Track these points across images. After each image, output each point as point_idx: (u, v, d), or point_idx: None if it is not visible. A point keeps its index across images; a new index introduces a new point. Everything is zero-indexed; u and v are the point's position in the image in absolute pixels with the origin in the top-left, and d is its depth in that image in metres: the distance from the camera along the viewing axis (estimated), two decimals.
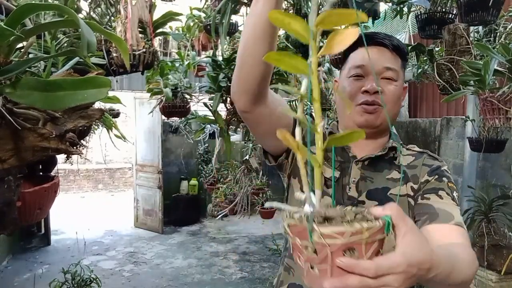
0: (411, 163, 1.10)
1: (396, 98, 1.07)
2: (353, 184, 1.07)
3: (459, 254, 0.92)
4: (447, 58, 2.36)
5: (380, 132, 1.10)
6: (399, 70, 1.07)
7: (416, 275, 0.61)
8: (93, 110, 0.94)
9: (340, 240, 0.52)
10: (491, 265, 2.77)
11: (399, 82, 1.07)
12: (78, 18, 0.71)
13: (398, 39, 1.10)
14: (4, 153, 0.82)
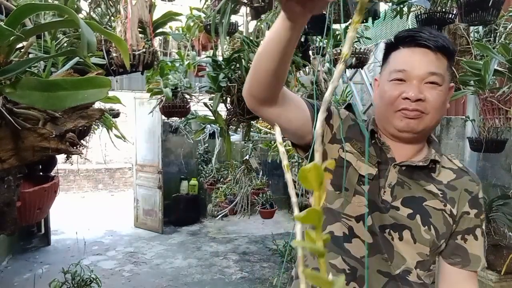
0: (451, 182, 1.04)
1: (440, 104, 1.00)
2: (389, 188, 1.03)
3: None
4: None
5: (420, 137, 1.05)
6: (444, 73, 1.00)
7: None
8: (93, 110, 0.94)
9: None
10: (491, 265, 2.77)
11: (444, 86, 1.00)
12: (78, 18, 0.71)
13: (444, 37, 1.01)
14: (4, 153, 0.82)
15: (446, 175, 1.05)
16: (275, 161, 6.01)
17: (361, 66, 2.85)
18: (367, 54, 2.73)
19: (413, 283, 1.01)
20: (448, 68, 1.02)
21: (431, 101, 0.98)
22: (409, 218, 1.00)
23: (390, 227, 1.00)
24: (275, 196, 6.24)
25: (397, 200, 1.02)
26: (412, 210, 1.00)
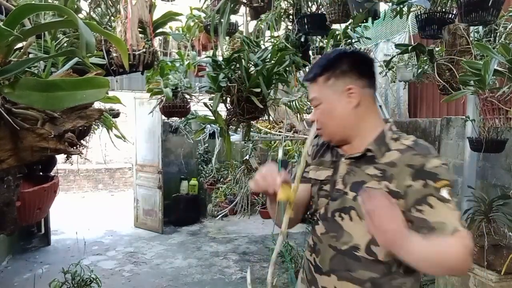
0: (392, 161, 1.17)
1: (326, 116, 1.24)
2: (340, 178, 1.26)
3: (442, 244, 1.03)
4: (447, 58, 2.36)
5: (343, 140, 1.29)
6: (320, 93, 1.24)
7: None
8: (92, 110, 0.94)
9: None
10: (491, 265, 2.77)
11: (323, 104, 1.24)
12: (77, 19, 0.71)
13: (317, 65, 1.25)
14: (3, 153, 0.82)
15: (391, 156, 1.19)
16: (275, 161, 6.00)
17: None
18: (367, 54, 2.72)
19: (361, 257, 1.17)
20: (324, 83, 1.22)
21: (319, 119, 1.26)
22: (353, 200, 1.18)
23: (340, 211, 1.22)
24: None
25: (347, 187, 1.23)
26: (356, 192, 1.18)
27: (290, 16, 3.03)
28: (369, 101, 1.28)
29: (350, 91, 1.21)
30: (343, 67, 1.21)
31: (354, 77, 1.22)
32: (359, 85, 1.22)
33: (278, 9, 3.01)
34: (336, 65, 1.21)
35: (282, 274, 4.54)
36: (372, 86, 1.31)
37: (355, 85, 1.21)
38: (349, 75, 1.21)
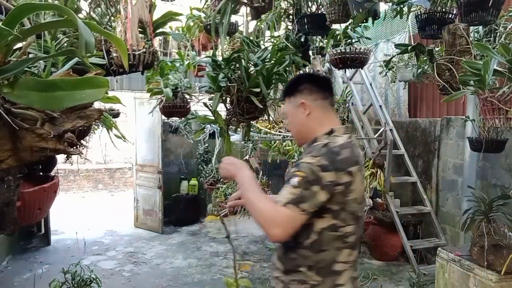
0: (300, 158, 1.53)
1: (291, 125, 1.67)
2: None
3: (265, 203, 1.40)
4: (447, 58, 2.36)
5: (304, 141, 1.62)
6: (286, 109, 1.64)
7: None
8: (91, 111, 0.94)
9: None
10: (491, 265, 2.77)
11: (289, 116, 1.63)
12: (76, 18, 0.71)
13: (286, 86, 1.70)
14: (2, 153, 0.82)
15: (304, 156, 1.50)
16: (275, 161, 6.01)
17: (361, 66, 2.84)
18: (367, 54, 2.72)
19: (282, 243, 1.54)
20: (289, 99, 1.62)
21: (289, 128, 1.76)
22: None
23: None
24: None
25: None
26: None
27: (290, 16, 3.03)
28: (321, 111, 1.58)
29: (303, 104, 1.56)
30: (299, 87, 1.59)
31: (306, 94, 1.57)
32: (310, 99, 1.57)
33: (278, 9, 3.01)
34: (294, 87, 1.61)
35: None
36: (326, 98, 1.60)
37: (306, 99, 1.56)
38: (303, 92, 1.58)
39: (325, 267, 1.44)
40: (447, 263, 3.16)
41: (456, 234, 4.49)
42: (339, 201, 1.40)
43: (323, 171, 1.36)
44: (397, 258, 5.01)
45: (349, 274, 1.48)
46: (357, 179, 1.44)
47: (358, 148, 1.56)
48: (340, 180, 1.38)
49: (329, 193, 1.37)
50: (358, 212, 1.48)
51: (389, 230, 4.84)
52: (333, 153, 1.41)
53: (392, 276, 4.55)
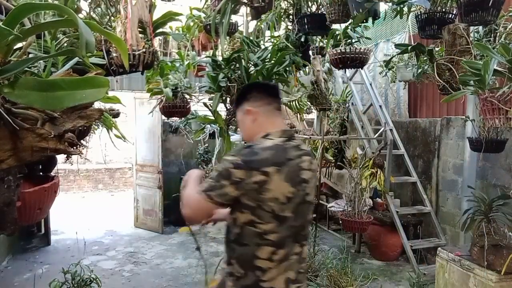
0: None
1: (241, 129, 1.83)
2: None
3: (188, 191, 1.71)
4: (447, 58, 2.36)
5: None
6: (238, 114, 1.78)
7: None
8: (92, 110, 0.94)
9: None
10: (491, 265, 2.77)
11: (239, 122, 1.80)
12: (77, 18, 0.71)
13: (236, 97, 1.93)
14: (3, 153, 0.82)
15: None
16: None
17: (361, 66, 2.84)
18: (367, 54, 2.72)
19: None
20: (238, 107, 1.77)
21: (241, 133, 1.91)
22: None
23: None
24: None
25: None
26: None
27: (290, 16, 3.03)
28: (266, 116, 1.70)
29: (248, 111, 1.70)
30: (246, 96, 1.74)
31: (252, 101, 1.70)
32: (255, 106, 1.69)
33: (278, 9, 3.01)
34: (242, 96, 1.77)
35: None
36: (271, 104, 1.72)
37: (251, 106, 1.69)
38: (249, 100, 1.71)
39: (247, 261, 1.56)
40: (447, 263, 3.16)
41: (456, 234, 4.49)
42: (254, 198, 1.50)
43: (234, 168, 1.49)
44: (397, 258, 5.01)
45: (279, 273, 1.55)
46: (274, 179, 1.50)
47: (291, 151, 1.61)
48: (251, 178, 1.48)
49: (239, 188, 1.49)
50: (280, 211, 1.52)
51: (389, 230, 4.84)
52: (253, 153, 1.53)
53: (392, 276, 4.55)
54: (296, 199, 1.56)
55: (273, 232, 1.53)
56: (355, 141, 5.99)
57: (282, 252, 1.56)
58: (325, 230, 6.33)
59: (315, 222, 4.52)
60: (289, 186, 1.54)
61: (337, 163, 5.97)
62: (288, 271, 1.58)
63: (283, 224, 1.54)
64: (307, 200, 1.63)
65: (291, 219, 1.56)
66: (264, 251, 1.54)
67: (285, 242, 1.57)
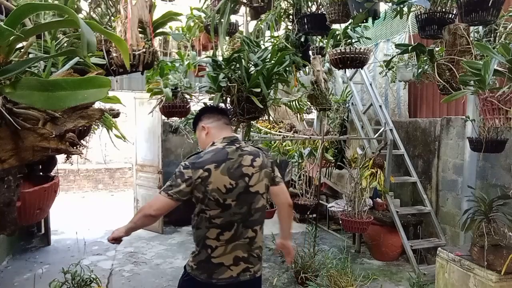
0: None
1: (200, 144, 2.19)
2: None
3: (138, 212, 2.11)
4: (447, 58, 2.36)
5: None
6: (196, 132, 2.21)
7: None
8: (93, 110, 0.94)
9: None
10: (491, 265, 2.77)
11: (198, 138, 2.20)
12: (78, 18, 0.71)
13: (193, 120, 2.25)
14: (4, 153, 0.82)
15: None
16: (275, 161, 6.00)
17: (361, 66, 2.84)
18: (367, 54, 2.72)
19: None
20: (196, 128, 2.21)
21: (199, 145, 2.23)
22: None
23: None
24: None
25: None
26: None
27: (290, 16, 3.03)
28: (217, 129, 2.12)
29: (203, 128, 2.14)
30: (200, 117, 2.18)
31: (204, 120, 2.15)
32: (206, 123, 2.13)
33: (278, 9, 3.01)
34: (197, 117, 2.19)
35: (282, 274, 4.54)
36: (220, 119, 2.15)
37: (204, 124, 2.14)
38: (202, 119, 2.16)
39: (200, 241, 1.98)
40: (447, 263, 3.16)
41: (456, 234, 4.49)
42: (201, 190, 1.92)
43: (185, 169, 1.93)
44: (397, 258, 5.01)
45: (226, 251, 1.94)
46: (214, 173, 1.92)
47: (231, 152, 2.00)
48: (196, 175, 1.91)
49: (189, 184, 1.92)
50: (222, 200, 1.93)
51: (389, 230, 4.84)
52: (198, 157, 1.97)
53: (392, 276, 4.55)
54: (236, 189, 1.94)
55: (218, 217, 1.93)
56: (355, 141, 5.99)
57: (229, 234, 1.94)
58: (325, 230, 6.34)
59: (315, 222, 4.53)
60: (228, 179, 1.93)
61: (337, 163, 5.97)
62: (237, 250, 1.96)
63: (226, 210, 1.93)
64: (250, 190, 1.99)
65: (235, 206, 1.94)
66: (212, 232, 1.94)
67: (231, 226, 1.95)
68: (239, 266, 1.96)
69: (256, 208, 2.01)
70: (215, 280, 1.94)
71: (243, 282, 1.98)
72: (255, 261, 2.03)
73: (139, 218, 2.01)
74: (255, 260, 2.03)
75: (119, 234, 2.05)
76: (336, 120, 6.15)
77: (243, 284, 1.98)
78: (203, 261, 1.95)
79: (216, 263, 1.94)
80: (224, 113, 2.22)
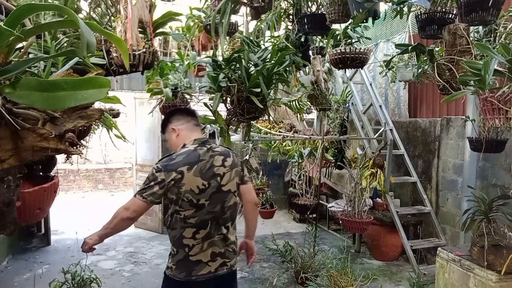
0: None
1: (170, 145, 2.27)
2: None
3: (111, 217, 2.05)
4: (447, 58, 2.36)
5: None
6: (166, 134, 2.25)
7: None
8: (92, 110, 0.94)
9: None
10: (491, 265, 2.77)
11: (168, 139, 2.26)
12: (77, 18, 0.71)
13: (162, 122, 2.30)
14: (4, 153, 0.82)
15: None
16: (275, 161, 6.00)
17: (361, 66, 2.84)
18: (367, 54, 2.72)
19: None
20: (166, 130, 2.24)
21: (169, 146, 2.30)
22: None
23: None
24: (275, 196, 6.24)
25: None
26: None
27: (290, 16, 3.03)
28: (187, 130, 2.18)
29: (173, 130, 2.19)
30: (170, 119, 2.23)
31: (174, 122, 2.21)
32: (176, 125, 2.19)
33: (278, 9, 3.01)
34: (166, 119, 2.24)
35: (282, 274, 4.54)
36: (190, 121, 2.22)
37: (174, 126, 2.19)
38: (172, 121, 2.21)
39: (177, 241, 2.04)
40: (447, 263, 3.16)
41: (456, 234, 4.49)
42: (175, 192, 1.98)
43: (157, 172, 1.98)
44: (397, 258, 5.01)
45: (203, 248, 2.02)
46: (187, 175, 1.99)
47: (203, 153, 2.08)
48: (169, 177, 1.97)
49: (162, 186, 1.97)
50: (196, 200, 2.00)
51: (389, 230, 4.84)
52: (170, 159, 2.03)
53: (392, 276, 4.55)
54: (209, 189, 2.03)
55: (193, 217, 2.01)
56: (355, 141, 5.99)
57: (204, 232, 2.02)
58: (325, 230, 6.34)
59: (315, 222, 4.53)
60: (201, 180, 2.01)
61: (337, 163, 5.97)
62: (213, 246, 2.05)
63: (200, 209, 2.01)
64: (223, 190, 2.08)
65: (208, 206, 2.02)
66: (188, 232, 2.01)
67: (205, 224, 2.03)
68: (216, 261, 2.06)
69: (228, 206, 2.12)
70: (194, 277, 2.02)
71: (220, 276, 2.07)
72: (231, 255, 2.14)
73: (116, 223, 2.00)
74: (231, 255, 2.14)
75: (95, 242, 2.03)
76: (336, 120, 6.15)
77: (220, 278, 2.08)
78: (181, 260, 2.03)
79: (194, 260, 2.02)
80: (194, 115, 2.29)
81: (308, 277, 3.90)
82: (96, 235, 2.03)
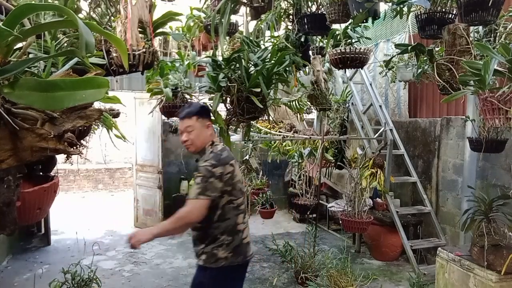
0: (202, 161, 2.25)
1: (195, 137, 2.26)
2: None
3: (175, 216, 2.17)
4: (447, 58, 2.36)
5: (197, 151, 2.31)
6: (194, 122, 2.26)
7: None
8: (91, 111, 0.94)
9: None
10: (491, 265, 2.77)
11: (195, 130, 2.26)
12: (76, 19, 0.71)
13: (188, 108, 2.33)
14: (3, 153, 0.82)
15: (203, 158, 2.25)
16: (275, 161, 6.00)
17: (361, 66, 2.84)
18: (367, 54, 2.72)
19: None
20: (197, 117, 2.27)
21: (190, 137, 2.27)
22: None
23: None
24: (275, 196, 6.23)
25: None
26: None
27: (290, 16, 3.03)
28: (212, 130, 2.32)
29: (208, 125, 2.30)
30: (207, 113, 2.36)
31: (208, 119, 2.33)
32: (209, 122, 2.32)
33: (278, 9, 3.01)
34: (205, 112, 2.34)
35: (282, 274, 4.54)
36: (212, 122, 2.37)
37: (210, 122, 2.32)
38: (206, 117, 2.32)
39: (232, 229, 2.20)
40: (447, 263, 3.16)
41: (456, 234, 4.49)
42: (230, 183, 2.17)
43: (214, 168, 2.13)
44: (397, 258, 5.01)
45: (247, 230, 2.30)
46: (236, 168, 2.24)
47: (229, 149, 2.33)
48: (226, 170, 2.16)
49: (221, 180, 2.13)
50: (242, 188, 2.29)
51: (389, 230, 4.84)
52: (218, 155, 2.20)
53: (392, 276, 4.55)
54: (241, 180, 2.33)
55: (242, 203, 2.27)
56: (355, 141, 5.99)
57: (247, 216, 2.32)
58: (325, 230, 6.34)
59: (315, 222, 4.53)
60: (240, 171, 2.37)
61: (337, 163, 5.97)
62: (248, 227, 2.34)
63: (244, 196, 2.30)
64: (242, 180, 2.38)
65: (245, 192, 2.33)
66: (240, 218, 2.24)
67: (246, 208, 2.31)
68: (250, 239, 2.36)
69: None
70: (249, 258, 2.29)
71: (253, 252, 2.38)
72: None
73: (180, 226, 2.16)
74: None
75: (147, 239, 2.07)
76: (336, 120, 6.15)
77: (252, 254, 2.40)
78: (238, 246, 2.22)
79: (246, 243, 2.27)
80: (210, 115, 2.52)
81: (308, 277, 3.89)
82: (150, 233, 2.09)
